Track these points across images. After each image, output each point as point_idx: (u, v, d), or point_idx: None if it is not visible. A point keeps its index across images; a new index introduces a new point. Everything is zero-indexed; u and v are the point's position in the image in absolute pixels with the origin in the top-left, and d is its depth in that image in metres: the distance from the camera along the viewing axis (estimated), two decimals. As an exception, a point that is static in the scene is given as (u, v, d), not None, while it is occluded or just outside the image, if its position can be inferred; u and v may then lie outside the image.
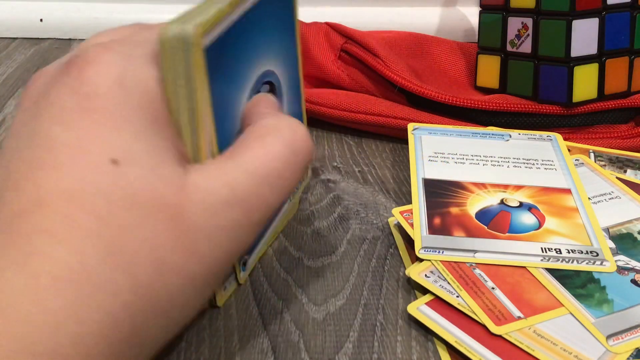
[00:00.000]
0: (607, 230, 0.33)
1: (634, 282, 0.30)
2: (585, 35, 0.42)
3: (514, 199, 0.35)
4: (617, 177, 0.37)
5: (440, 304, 0.29)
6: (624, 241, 0.32)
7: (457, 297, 0.29)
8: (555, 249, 0.31)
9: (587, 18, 0.41)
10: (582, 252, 0.31)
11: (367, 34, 0.49)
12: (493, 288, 0.29)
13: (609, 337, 0.27)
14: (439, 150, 0.38)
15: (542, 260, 0.30)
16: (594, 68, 0.42)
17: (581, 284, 0.29)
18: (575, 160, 0.39)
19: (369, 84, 0.47)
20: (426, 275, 0.30)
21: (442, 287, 0.29)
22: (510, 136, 0.40)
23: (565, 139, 0.41)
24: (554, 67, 0.42)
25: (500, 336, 0.27)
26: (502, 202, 0.34)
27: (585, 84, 0.42)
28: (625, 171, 0.38)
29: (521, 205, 0.34)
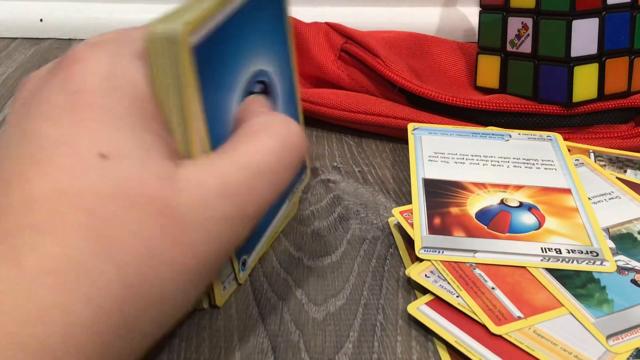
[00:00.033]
0: (607, 230, 0.33)
1: (634, 282, 0.30)
2: (585, 35, 0.42)
3: (514, 199, 0.35)
4: (617, 177, 0.37)
5: (440, 304, 0.29)
6: (624, 241, 0.32)
7: (457, 297, 0.29)
8: (555, 249, 0.31)
9: (587, 18, 0.41)
10: (582, 252, 0.31)
11: (367, 34, 0.49)
12: (493, 288, 0.29)
13: (609, 337, 0.27)
14: (439, 150, 0.38)
15: (542, 260, 0.30)
16: (594, 68, 0.42)
17: (581, 284, 0.29)
18: (575, 160, 0.39)
19: (369, 84, 0.47)
20: (426, 275, 0.30)
21: (442, 287, 0.29)
22: (510, 136, 0.40)
23: (565, 139, 0.41)
24: (554, 67, 0.42)
25: (500, 336, 0.27)
26: (502, 202, 0.34)
27: (585, 84, 0.42)
28: (625, 171, 0.38)
29: (521, 205, 0.34)
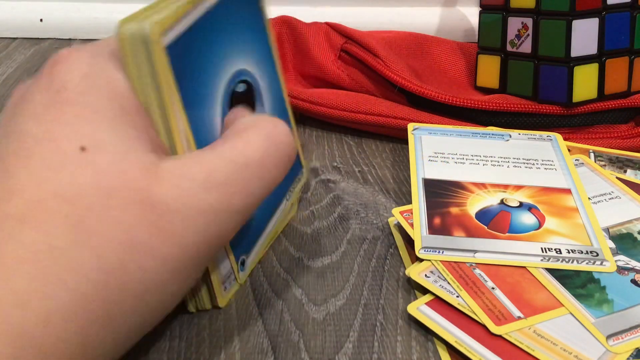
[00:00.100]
0: (607, 230, 0.33)
1: (634, 282, 0.30)
2: (585, 35, 0.42)
3: (514, 199, 0.35)
4: (617, 177, 0.37)
5: (440, 304, 0.29)
6: (624, 241, 0.32)
7: (457, 297, 0.29)
8: (555, 249, 0.31)
9: (587, 18, 0.41)
10: (582, 252, 0.31)
11: (367, 34, 0.49)
12: (493, 288, 0.29)
13: (609, 337, 0.27)
14: (439, 150, 0.38)
15: (542, 260, 0.30)
16: (594, 68, 0.42)
17: (581, 284, 0.29)
18: (575, 160, 0.39)
19: (369, 84, 0.47)
20: (426, 275, 0.30)
21: (442, 287, 0.29)
22: (510, 136, 0.40)
23: (565, 139, 0.41)
24: (554, 67, 0.42)
25: (500, 336, 0.27)
26: (502, 202, 0.34)
27: (585, 84, 0.42)
28: (625, 171, 0.38)
29: (521, 205, 0.34)
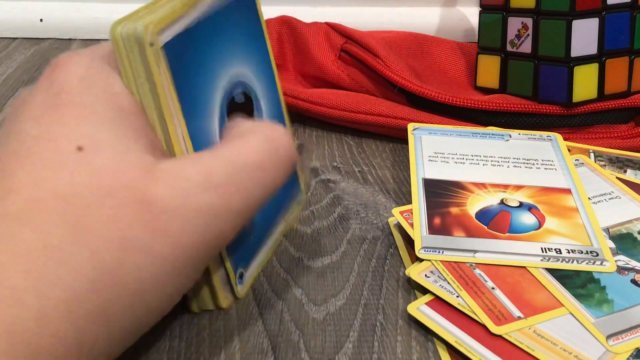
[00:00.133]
0: (607, 230, 0.33)
1: (634, 282, 0.30)
2: (585, 35, 0.42)
3: (514, 199, 0.35)
4: (617, 177, 0.37)
5: (440, 304, 0.29)
6: (624, 241, 0.32)
7: (457, 297, 0.29)
8: (555, 249, 0.31)
9: (587, 18, 0.41)
10: (582, 252, 0.31)
11: (367, 34, 0.49)
12: (493, 288, 0.29)
13: (609, 337, 0.27)
14: (439, 150, 0.38)
15: (542, 260, 0.30)
16: (594, 68, 0.42)
17: (581, 284, 0.29)
18: (575, 160, 0.39)
19: (369, 84, 0.47)
20: (426, 275, 0.30)
21: (442, 287, 0.29)
22: (510, 136, 0.40)
23: (565, 139, 0.41)
24: (554, 67, 0.42)
25: (500, 336, 0.27)
26: (502, 202, 0.34)
27: (585, 84, 0.42)
28: (625, 171, 0.38)
29: (521, 205, 0.34)
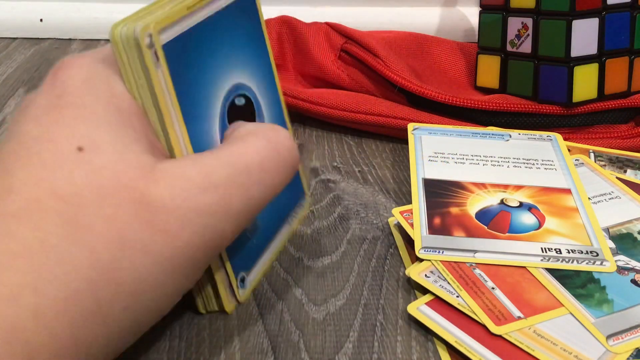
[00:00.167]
0: (607, 230, 0.33)
1: (634, 282, 0.30)
2: (585, 35, 0.42)
3: (514, 199, 0.35)
4: (617, 177, 0.37)
5: (440, 304, 0.29)
6: (624, 241, 0.32)
7: (457, 297, 0.29)
8: (555, 249, 0.31)
9: (587, 18, 0.41)
10: (582, 252, 0.31)
11: (367, 34, 0.49)
12: (493, 288, 0.29)
13: (609, 337, 0.27)
14: (439, 150, 0.38)
15: (542, 260, 0.30)
16: (594, 68, 0.42)
17: (581, 284, 0.29)
18: (575, 160, 0.39)
19: (369, 84, 0.47)
20: (426, 275, 0.30)
21: (442, 287, 0.29)
22: (510, 136, 0.40)
23: (565, 139, 0.41)
24: (554, 67, 0.42)
25: (500, 336, 0.27)
26: (502, 202, 0.34)
27: (585, 84, 0.42)
28: (625, 171, 0.38)
29: (521, 205, 0.34)
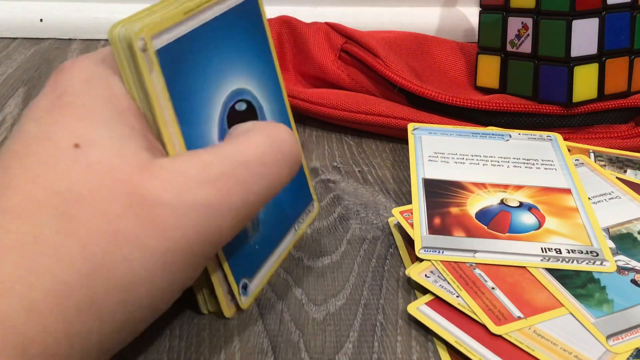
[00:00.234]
0: (607, 230, 0.33)
1: (634, 282, 0.30)
2: (585, 35, 0.42)
3: (514, 199, 0.35)
4: (617, 177, 0.37)
5: (440, 304, 0.29)
6: (624, 241, 0.32)
7: (457, 297, 0.29)
8: (555, 249, 0.31)
9: (587, 18, 0.41)
10: (582, 252, 0.31)
11: (367, 34, 0.49)
12: (493, 288, 0.29)
13: (609, 337, 0.27)
14: (439, 150, 0.38)
15: (542, 260, 0.30)
16: (594, 68, 0.42)
17: (581, 284, 0.29)
18: (575, 160, 0.39)
19: (369, 84, 0.47)
20: (426, 275, 0.30)
21: (442, 287, 0.29)
22: (510, 136, 0.40)
23: (565, 139, 0.41)
24: (554, 67, 0.42)
25: (500, 336, 0.27)
26: (502, 202, 0.34)
27: (585, 84, 0.42)
28: (625, 171, 0.38)
29: (521, 205, 0.34)
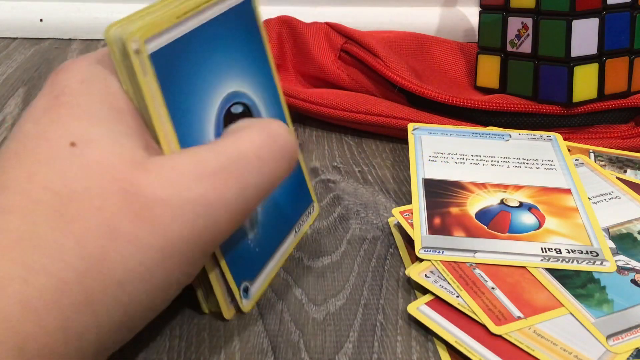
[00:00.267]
0: (607, 230, 0.33)
1: (634, 282, 0.30)
2: (585, 35, 0.42)
3: (514, 199, 0.35)
4: (617, 177, 0.37)
5: (440, 304, 0.29)
6: (624, 241, 0.32)
7: (457, 297, 0.29)
8: (555, 249, 0.31)
9: (587, 18, 0.41)
10: (582, 252, 0.31)
11: (367, 34, 0.49)
12: (493, 288, 0.29)
13: (609, 337, 0.27)
14: (439, 150, 0.38)
15: (542, 260, 0.30)
16: (594, 68, 0.42)
17: (581, 284, 0.29)
18: (575, 160, 0.39)
19: (369, 84, 0.47)
20: (426, 275, 0.30)
21: (442, 287, 0.29)
22: (510, 136, 0.40)
23: (565, 139, 0.41)
24: (554, 67, 0.42)
25: (500, 336, 0.27)
26: (502, 202, 0.34)
27: (585, 84, 0.42)
28: (625, 171, 0.38)
29: (521, 205, 0.34)
